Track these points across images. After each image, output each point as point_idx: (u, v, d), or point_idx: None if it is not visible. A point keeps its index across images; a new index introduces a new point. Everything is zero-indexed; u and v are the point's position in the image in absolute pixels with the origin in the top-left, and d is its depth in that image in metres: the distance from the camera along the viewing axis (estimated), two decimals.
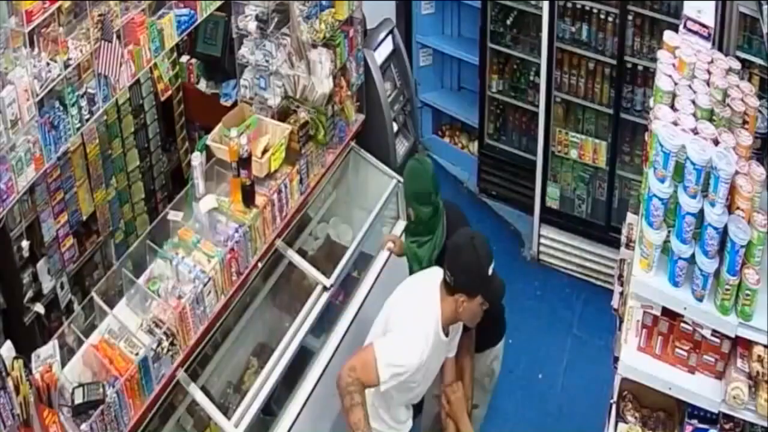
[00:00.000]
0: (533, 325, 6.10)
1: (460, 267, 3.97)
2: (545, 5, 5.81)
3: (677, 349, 3.34)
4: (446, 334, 4.09)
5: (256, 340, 4.84)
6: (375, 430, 4.04)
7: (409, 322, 4.02)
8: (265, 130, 4.75)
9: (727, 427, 3.32)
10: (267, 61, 4.75)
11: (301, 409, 4.58)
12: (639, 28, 5.69)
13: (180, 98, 6.03)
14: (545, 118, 6.14)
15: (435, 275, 4.13)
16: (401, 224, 5.59)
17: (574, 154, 6.18)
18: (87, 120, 3.86)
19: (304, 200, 4.98)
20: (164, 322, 4.04)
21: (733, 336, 3.19)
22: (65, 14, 3.64)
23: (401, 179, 5.44)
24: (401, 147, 5.74)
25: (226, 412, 4.30)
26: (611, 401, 3.69)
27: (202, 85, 6.04)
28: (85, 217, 5.19)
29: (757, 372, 3.13)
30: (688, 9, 3.95)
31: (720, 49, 4.27)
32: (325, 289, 4.85)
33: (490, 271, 4.00)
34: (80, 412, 3.69)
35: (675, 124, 3.32)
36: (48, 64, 3.56)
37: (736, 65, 3.69)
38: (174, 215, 4.45)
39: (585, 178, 6.32)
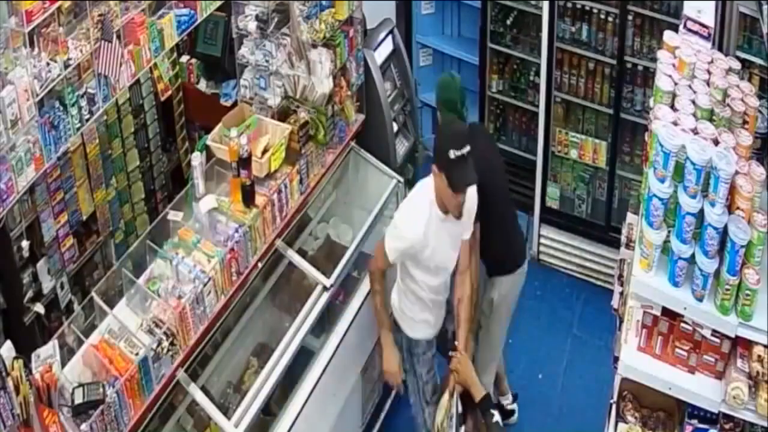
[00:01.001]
0: (533, 325, 6.11)
1: (435, 141, 4.44)
2: (545, 5, 5.81)
3: (677, 349, 3.35)
4: (444, 213, 4.34)
5: (256, 340, 4.84)
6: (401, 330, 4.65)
7: (405, 203, 4.59)
8: (265, 130, 4.75)
9: (727, 427, 3.33)
10: (267, 61, 4.75)
11: (301, 409, 4.58)
12: (639, 28, 5.69)
13: (180, 98, 6.03)
14: (545, 118, 6.14)
15: None
16: None
17: (574, 154, 6.18)
18: (87, 120, 3.86)
19: (304, 200, 4.98)
20: (164, 322, 4.04)
21: (733, 336, 3.19)
22: (65, 14, 3.63)
23: (401, 179, 5.52)
24: (401, 147, 5.74)
25: (226, 412, 4.29)
26: (611, 401, 3.69)
27: (202, 85, 6.05)
28: (85, 217, 5.19)
29: (757, 372, 3.14)
30: (688, 9, 3.96)
31: (720, 49, 4.27)
32: (325, 289, 4.85)
33: (454, 155, 4.16)
34: (80, 412, 3.68)
35: (675, 124, 3.33)
36: (48, 64, 3.56)
37: (736, 65, 3.69)
38: (174, 215, 4.45)
39: (585, 178, 6.32)
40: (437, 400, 4.57)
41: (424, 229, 4.32)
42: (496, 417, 4.21)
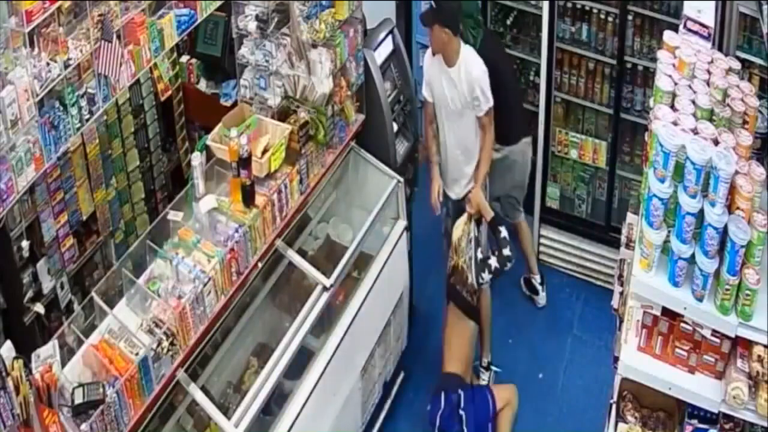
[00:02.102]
0: (533, 325, 6.11)
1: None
2: (545, 5, 5.81)
3: (677, 349, 3.35)
4: (447, 64, 5.46)
5: (256, 340, 4.84)
6: None
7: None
8: (265, 130, 4.75)
9: (727, 427, 3.33)
10: (267, 61, 4.75)
11: (301, 409, 4.58)
12: (639, 28, 5.69)
13: (180, 98, 6.03)
14: (545, 118, 6.14)
15: None
16: (401, 224, 5.60)
17: (574, 154, 6.18)
18: (87, 120, 3.86)
19: (304, 200, 4.98)
20: (164, 322, 4.04)
21: (733, 336, 3.19)
22: (65, 14, 3.63)
23: (401, 179, 5.54)
24: (401, 147, 5.74)
25: (226, 412, 4.29)
26: (611, 401, 3.69)
27: (202, 85, 6.05)
28: (85, 217, 5.19)
29: (757, 372, 3.14)
30: (688, 9, 3.96)
31: (720, 49, 4.27)
32: (325, 289, 4.85)
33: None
34: (80, 412, 3.68)
35: (675, 124, 3.33)
36: (48, 64, 3.56)
37: (736, 65, 3.69)
38: (174, 215, 4.45)
39: (585, 178, 6.33)
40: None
41: (429, 67, 5.59)
42: (504, 233, 5.15)
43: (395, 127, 5.66)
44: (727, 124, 3.43)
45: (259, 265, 4.63)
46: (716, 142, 3.26)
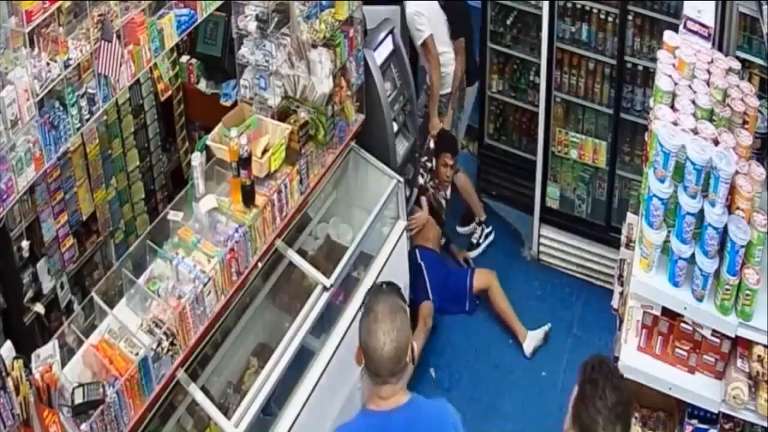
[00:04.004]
0: (533, 325, 6.10)
1: None
2: (545, 5, 5.81)
3: (677, 349, 3.35)
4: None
5: (256, 340, 4.84)
6: None
7: None
8: (265, 130, 4.75)
9: (727, 427, 3.33)
10: (267, 61, 4.74)
11: (301, 409, 4.58)
12: (639, 28, 5.69)
13: (180, 98, 6.03)
14: (545, 118, 6.14)
15: None
16: (401, 224, 5.60)
17: (574, 154, 6.18)
18: (87, 120, 3.86)
19: (304, 200, 4.98)
20: (164, 322, 4.04)
21: (733, 336, 3.19)
22: (65, 14, 3.63)
23: (401, 179, 5.54)
24: (401, 147, 5.74)
25: (226, 412, 4.29)
26: None
27: (202, 85, 6.04)
28: (85, 217, 5.19)
29: (757, 372, 3.14)
30: (688, 9, 3.96)
31: (720, 49, 4.27)
32: (325, 289, 4.85)
33: None
34: (80, 412, 3.68)
35: (675, 124, 3.33)
36: (48, 64, 3.56)
37: (736, 65, 3.69)
38: (174, 215, 4.45)
39: (585, 178, 6.32)
40: None
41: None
42: (430, 143, 6.28)
43: (395, 127, 5.66)
44: (727, 124, 3.43)
45: (259, 265, 4.63)
46: (716, 142, 3.26)
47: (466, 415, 4.33)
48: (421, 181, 6.16)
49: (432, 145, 6.34)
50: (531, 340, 5.96)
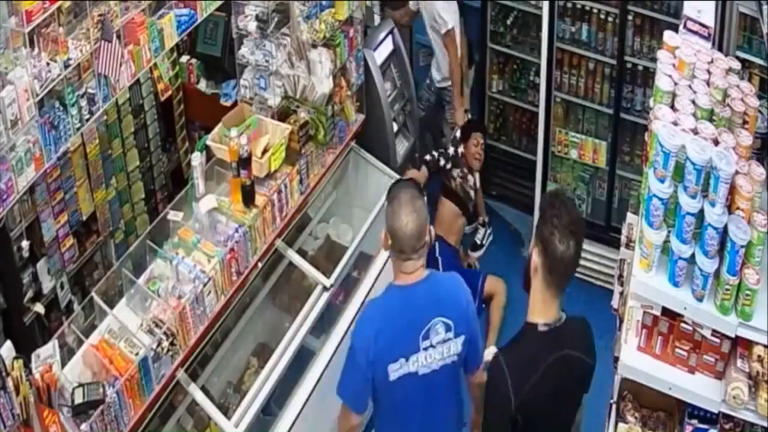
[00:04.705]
0: None
1: None
2: (545, 5, 5.81)
3: (677, 349, 3.34)
4: None
5: (256, 340, 4.84)
6: None
7: None
8: (265, 130, 4.75)
9: (727, 427, 3.32)
10: (267, 61, 4.75)
11: (301, 409, 4.58)
12: (639, 28, 5.68)
13: (180, 98, 6.03)
14: (545, 118, 6.13)
15: None
16: None
17: (574, 154, 6.18)
18: (87, 120, 3.86)
19: (304, 200, 4.98)
20: (164, 322, 4.04)
21: (733, 336, 3.19)
22: (65, 14, 3.64)
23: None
24: (401, 147, 5.75)
25: (226, 412, 4.30)
26: (611, 401, 3.68)
27: (202, 85, 6.05)
28: (85, 217, 5.19)
29: (757, 372, 3.13)
30: (688, 9, 3.95)
31: (720, 49, 4.27)
32: (325, 289, 4.85)
33: None
34: (80, 412, 3.69)
35: (675, 124, 3.32)
36: (48, 64, 3.56)
37: (736, 65, 3.69)
38: (174, 215, 4.45)
39: (585, 178, 6.32)
40: None
41: None
42: (457, 133, 6.19)
43: (395, 127, 5.66)
44: (727, 124, 3.43)
45: (259, 265, 4.64)
46: (716, 142, 3.26)
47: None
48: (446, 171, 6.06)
49: (458, 134, 6.21)
50: (489, 354, 5.87)
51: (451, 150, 6.09)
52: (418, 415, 3.83)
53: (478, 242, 6.67)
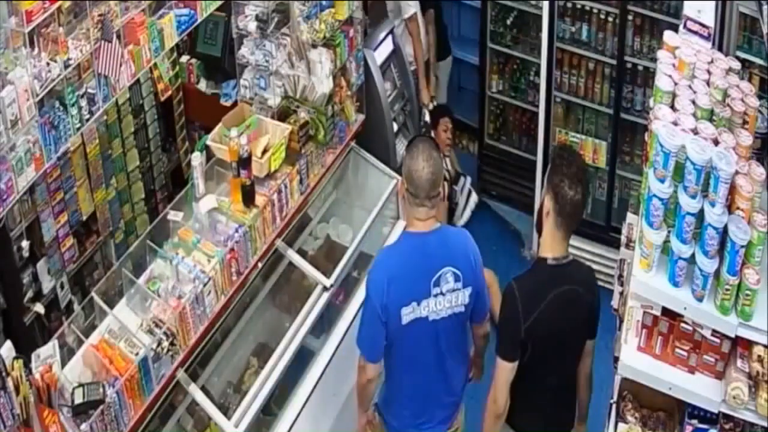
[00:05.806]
0: None
1: None
2: (545, 5, 5.81)
3: (677, 349, 3.34)
4: None
5: (256, 340, 4.84)
6: None
7: None
8: (265, 130, 4.75)
9: (727, 427, 3.32)
10: (267, 61, 4.75)
11: (301, 409, 4.58)
12: (639, 28, 5.68)
13: (180, 98, 6.03)
14: (545, 118, 6.13)
15: None
16: (401, 224, 5.59)
17: None
18: (87, 120, 3.86)
19: (304, 200, 4.98)
20: (164, 322, 4.04)
21: (733, 336, 3.19)
22: (65, 14, 3.63)
23: (401, 179, 5.49)
24: (401, 147, 5.74)
25: (226, 412, 4.30)
26: (611, 401, 3.68)
27: (202, 85, 6.05)
28: (85, 217, 5.19)
29: (757, 372, 3.13)
30: (688, 9, 3.95)
31: (720, 49, 4.27)
32: (325, 289, 4.85)
33: None
34: (80, 412, 3.69)
35: (675, 124, 3.32)
36: (48, 64, 3.56)
37: (736, 65, 3.69)
38: (174, 215, 4.45)
39: None
40: None
41: None
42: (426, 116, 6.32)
43: (395, 127, 5.66)
44: (727, 124, 3.43)
45: (259, 265, 4.64)
46: (716, 142, 3.26)
47: (466, 415, 4.37)
48: None
49: (427, 118, 6.32)
50: None
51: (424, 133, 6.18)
52: (429, 360, 4.02)
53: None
